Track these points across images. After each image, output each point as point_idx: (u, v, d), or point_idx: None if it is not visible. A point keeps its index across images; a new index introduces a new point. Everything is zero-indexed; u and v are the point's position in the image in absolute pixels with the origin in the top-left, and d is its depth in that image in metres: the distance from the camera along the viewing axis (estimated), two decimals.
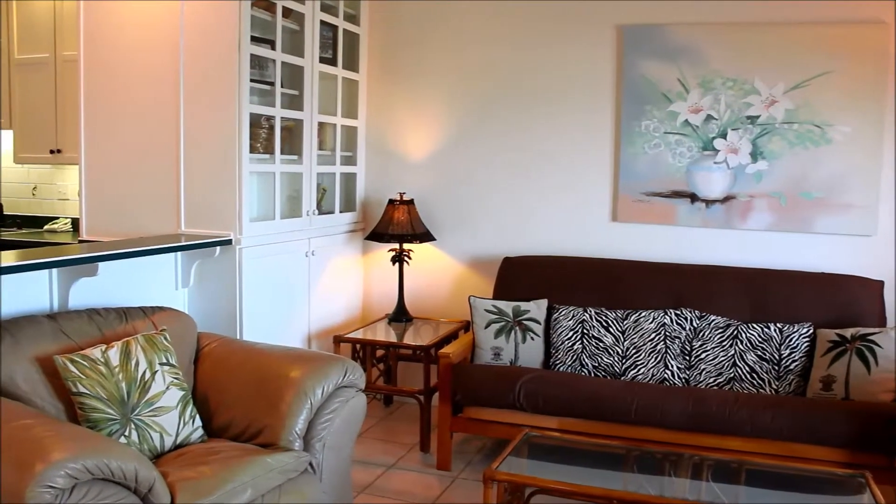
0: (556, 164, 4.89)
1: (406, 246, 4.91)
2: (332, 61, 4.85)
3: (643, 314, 4.28)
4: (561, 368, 4.28)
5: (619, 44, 4.69)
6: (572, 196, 4.87)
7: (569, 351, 4.30)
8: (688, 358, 4.18)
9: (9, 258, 2.99)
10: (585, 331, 4.30)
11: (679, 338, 4.20)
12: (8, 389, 2.69)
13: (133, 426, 2.81)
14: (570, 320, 4.35)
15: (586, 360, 4.26)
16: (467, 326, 4.88)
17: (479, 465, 4.25)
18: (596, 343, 4.27)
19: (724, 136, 4.53)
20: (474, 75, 5.01)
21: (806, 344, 4.03)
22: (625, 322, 4.28)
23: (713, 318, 4.22)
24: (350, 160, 5.16)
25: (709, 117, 4.55)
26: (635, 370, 4.18)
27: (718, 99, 4.52)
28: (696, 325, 4.22)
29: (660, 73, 4.61)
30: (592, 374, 4.23)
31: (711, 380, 4.09)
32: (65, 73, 5.78)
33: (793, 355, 4.03)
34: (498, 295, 4.69)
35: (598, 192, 4.82)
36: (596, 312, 4.34)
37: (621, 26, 4.68)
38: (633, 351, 4.22)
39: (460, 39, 5.02)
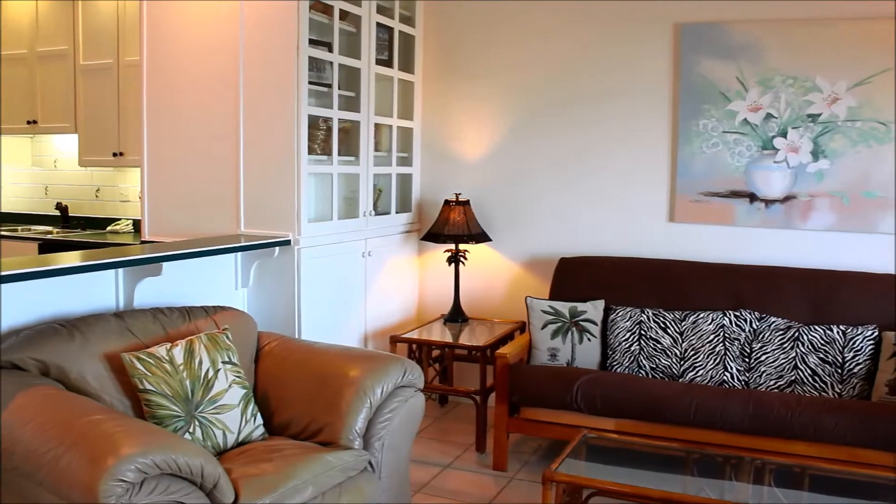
0: (612, 163, 4.85)
1: (462, 246, 4.93)
2: (387, 63, 4.89)
3: (701, 315, 4.23)
4: (618, 370, 4.26)
5: (677, 42, 4.65)
6: (629, 196, 4.84)
7: (626, 352, 4.26)
8: (747, 360, 4.12)
9: (78, 258, 3.07)
10: (643, 332, 4.27)
11: (738, 339, 4.14)
12: (78, 385, 2.77)
13: (197, 423, 2.86)
14: (627, 321, 4.32)
15: (644, 361, 4.22)
16: (523, 327, 4.88)
17: (535, 465, 4.24)
18: (654, 344, 4.23)
19: (784, 134, 4.46)
20: (530, 75, 5.00)
21: (871, 347, 3.95)
22: (683, 323, 4.24)
23: (773, 319, 4.15)
24: (406, 161, 5.19)
25: (768, 116, 4.48)
26: (693, 372, 4.13)
27: (778, 97, 4.45)
28: (755, 327, 4.15)
29: (718, 72, 4.56)
30: (650, 376, 4.19)
31: (772, 382, 4.03)
32: (127, 78, 5.91)
33: (857, 358, 3.94)
34: (554, 295, 4.67)
35: (654, 192, 4.78)
36: (653, 313, 4.30)
37: (679, 24, 4.63)
38: (692, 353, 4.17)
39: (516, 39, 5.02)
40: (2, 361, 2.76)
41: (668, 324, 4.25)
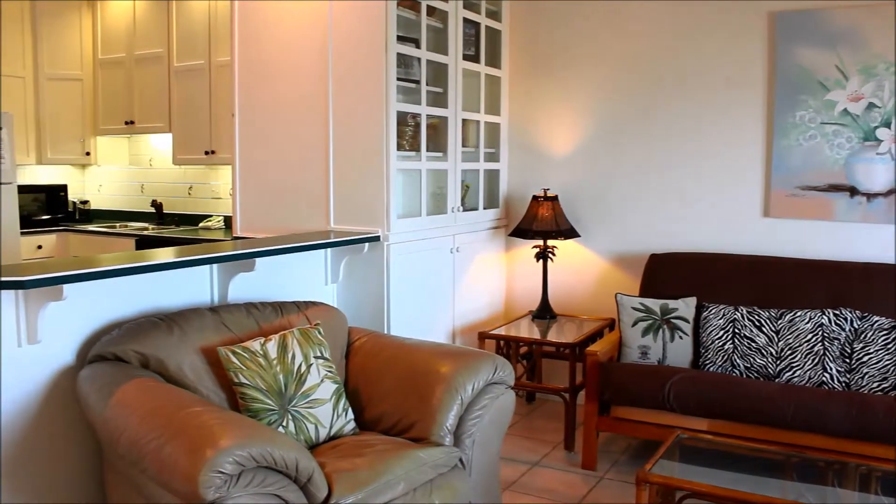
0: (703, 157, 4.73)
1: (550, 242, 4.88)
2: (474, 58, 4.87)
3: (798, 314, 4.08)
4: (711, 369, 4.15)
5: (772, 31, 4.50)
6: (721, 191, 4.71)
7: (719, 351, 4.15)
8: (848, 361, 3.96)
9: (176, 254, 3.15)
10: (737, 330, 4.15)
11: (838, 339, 3.99)
12: (177, 378, 2.83)
13: (290, 417, 2.89)
14: (720, 319, 4.20)
15: (738, 360, 4.10)
16: (612, 324, 4.80)
17: (624, 465, 4.17)
18: (748, 343, 4.11)
19: (887, 125, 4.27)
20: (619, 68, 4.92)
21: None
22: (779, 322, 4.10)
23: (876, 318, 3.99)
24: (493, 157, 5.17)
25: (871, 105, 4.30)
26: (790, 372, 3.99)
27: (882, 86, 4.27)
28: (857, 326, 3.99)
29: (816, 61, 4.39)
30: (744, 376, 4.07)
31: (875, 384, 3.86)
32: (218, 78, 6.05)
33: None
34: (644, 292, 4.58)
35: (748, 187, 4.64)
36: (748, 311, 4.17)
37: (774, 13, 4.48)
38: (788, 352, 4.03)
39: (603, 32, 4.94)
40: (105, 353, 2.84)
41: (763, 322, 4.12)
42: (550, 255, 4.89)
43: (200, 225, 6.54)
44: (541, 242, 4.87)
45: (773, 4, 4.48)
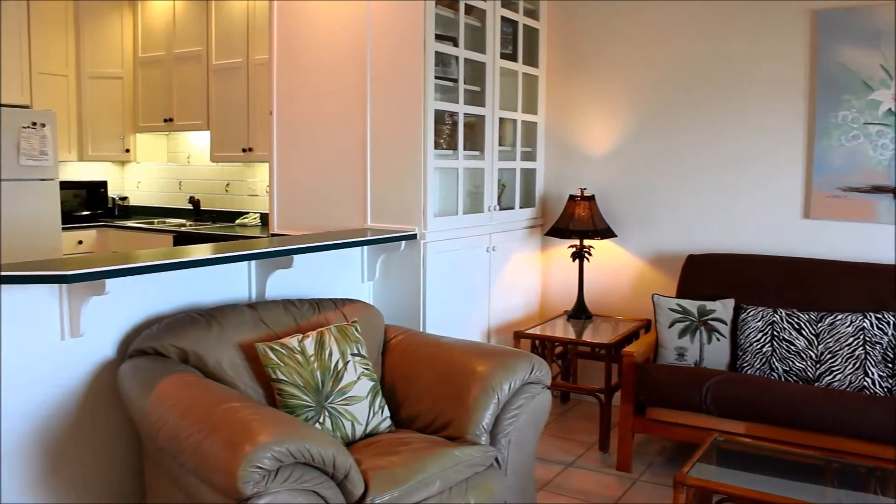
0: (742, 157, 4.68)
1: (587, 242, 4.85)
2: (512, 57, 4.86)
3: (839, 317, 4.02)
4: (749, 371, 4.10)
5: (814, 30, 4.43)
6: (760, 191, 4.65)
7: (757, 353, 4.10)
8: (890, 366, 3.89)
9: (216, 250, 3.17)
10: (776, 333, 4.09)
11: (880, 343, 3.92)
12: (215, 373, 2.86)
13: (327, 414, 2.90)
14: (758, 321, 4.15)
15: (776, 363, 4.05)
16: (648, 325, 4.77)
17: (660, 467, 4.14)
18: (787, 346, 4.05)
19: None
20: (657, 67, 4.88)
21: None
22: (819, 325, 4.04)
23: None
24: (529, 156, 5.16)
25: None
26: (830, 376, 3.93)
27: None
28: None
29: (859, 60, 4.32)
30: (783, 379, 4.02)
31: None
32: (256, 76, 6.10)
33: None
34: (682, 293, 4.54)
35: (788, 188, 4.58)
36: (787, 314, 4.12)
37: (816, 11, 4.41)
38: (829, 356, 3.97)
39: (642, 31, 4.90)
40: (145, 348, 2.88)
41: (802, 325, 4.06)
42: (587, 254, 4.86)
43: (237, 222, 6.59)
44: (577, 242, 4.84)
45: (814, 3, 4.42)
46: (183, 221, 6.83)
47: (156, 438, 2.52)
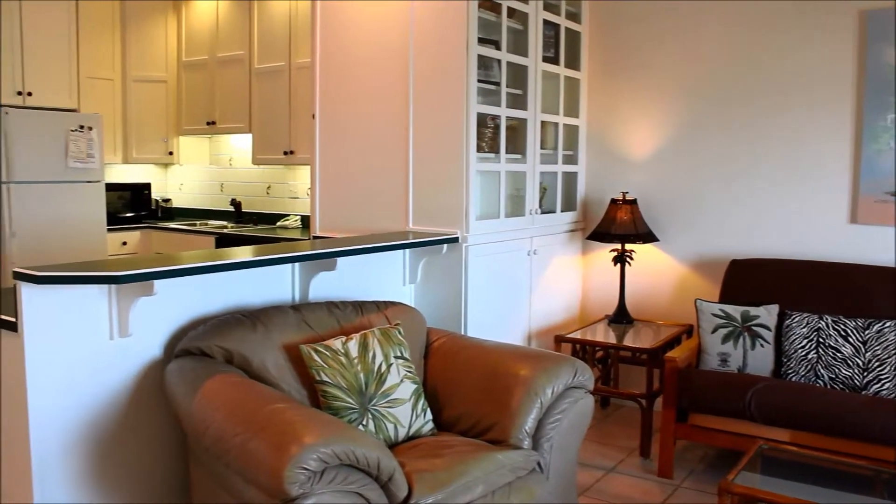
0: (787, 161, 4.62)
1: (628, 246, 4.82)
2: (554, 60, 4.84)
3: (888, 324, 3.95)
4: (793, 378, 4.04)
5: (863, 30, 4.36)
6: (805, 196, 4.58)
7: (802, 360, 4.04)
8: None
9: (261, 252, 3.20)
10: (821, 339, 4.03)
11: None
12: (260, 374, 2.88)
13: (370, 416, 2.91)
14: (803, 328, 4.09)
15: (822, 370, 3.99)
16: (690, 331, 4.72)
17: (702, 474, 4.09)
18: (833, 353, 3.99)
19: None
20: (699, 70, 4.83)
21: None
22: (866, 332, 3.97)
23: None
24: (571, 159, 5.13)
25: None
26: (878, 384, 3.87)
27: None
28: None
29: None
30: (828, 387, 3.95)
31: None
32: (297, 79, 6.14)
33: None
34: (725, 299, 4.50)
35: (834, 192, 4.51)
36: (833, 320, 4.05)
37: (865, 11, 4.34)
38: (876, 364, 3.90)
39: (684, 33, 4.86)
40: (191, 348, 2.91)
41: (849, 332, 4.00)
42: (628, 258, 4.83)
43: (278, 224, 6.64)
44: (619, 246, 4.81)
45: (863, 3, 4.35)
46: (224, 223, 6.89)
47: (202, 438, 2.54)
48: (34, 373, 2.64)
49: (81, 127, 5.94)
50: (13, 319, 2.63)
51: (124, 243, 6.69)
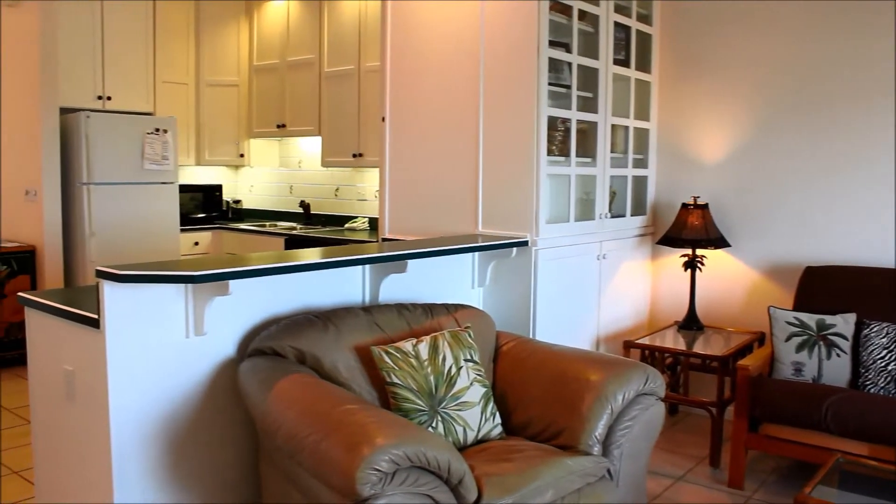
0: (864, 164, 4.48)
1: (699, 252, 4.74)
2: (624, 62, 4.79)
3: None
4: (871, 390, 3.92)
5: None
6: (883, 201, 4.44)
7: (881, 371, 3.92)
8: None
9: (332, 254, 3.23)
10: None
11: None
12: (331, 374, 2.90)
13: (440, 418, 2.91)
14: (883, 338, 3.97)
15: None
16: (762, 338, 4.62)
17: (774, 486, 4.00)
18: None
19: None
20: (773, 72, 4.72)
21: None
22: None
23: None
24: (641, 163, 5.07)
25: None
26: None
27: None
28: None
29: None
30: None
31: None
32: (366, 82, 6.19)
33: None
34: (799, 306, 4.39)
35: None
36: None
37: None
38: None
39: (757, 35, 4.76)
40: (264, 347, 2.95)
41: None
42: (699, 264, 4.75)
43: (346, 226, 6.71)
44: (690, 251, 4.74)
45: None
46: (293, 225, 6.99)
47: (274, 437, 2.57)
48: (115, 369, 2.71)
49: (157, 130, 6.08)
50: (95, 317, 2.70)
51: (196, 243, 6.83)
